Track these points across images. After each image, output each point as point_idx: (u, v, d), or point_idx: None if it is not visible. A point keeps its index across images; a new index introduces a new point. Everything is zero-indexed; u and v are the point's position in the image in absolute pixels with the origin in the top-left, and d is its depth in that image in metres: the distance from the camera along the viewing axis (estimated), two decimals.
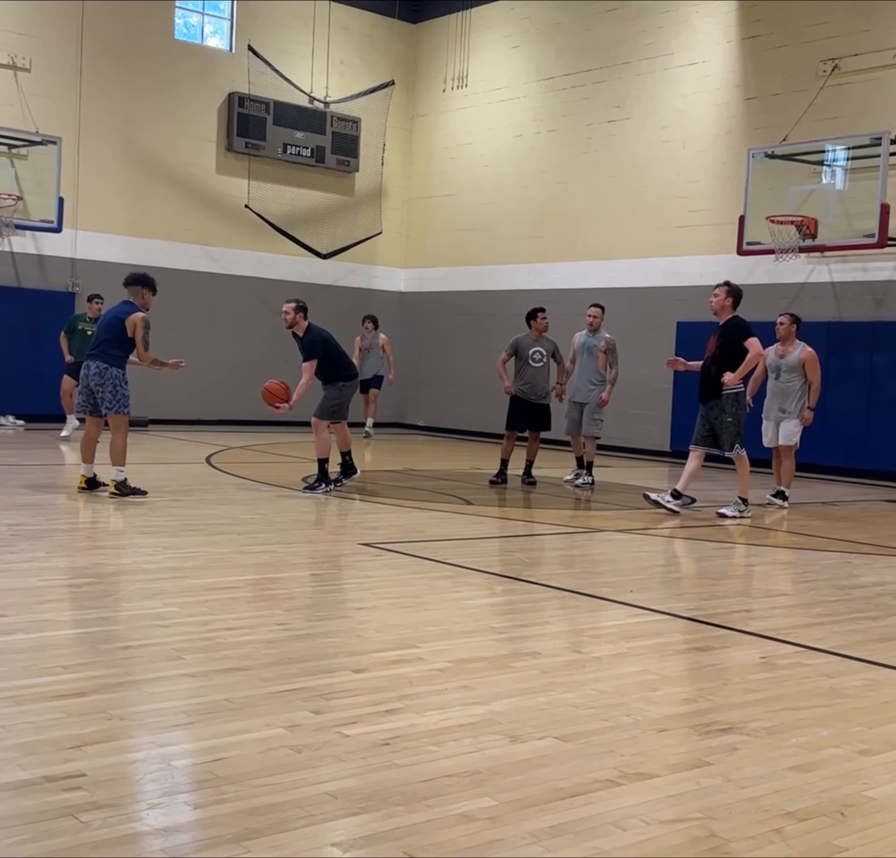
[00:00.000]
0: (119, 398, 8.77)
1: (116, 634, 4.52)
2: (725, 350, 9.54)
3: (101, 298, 13.92)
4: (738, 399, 9.60)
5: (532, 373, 11.25)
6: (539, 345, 11.29)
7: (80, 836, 2.57)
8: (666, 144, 16.15)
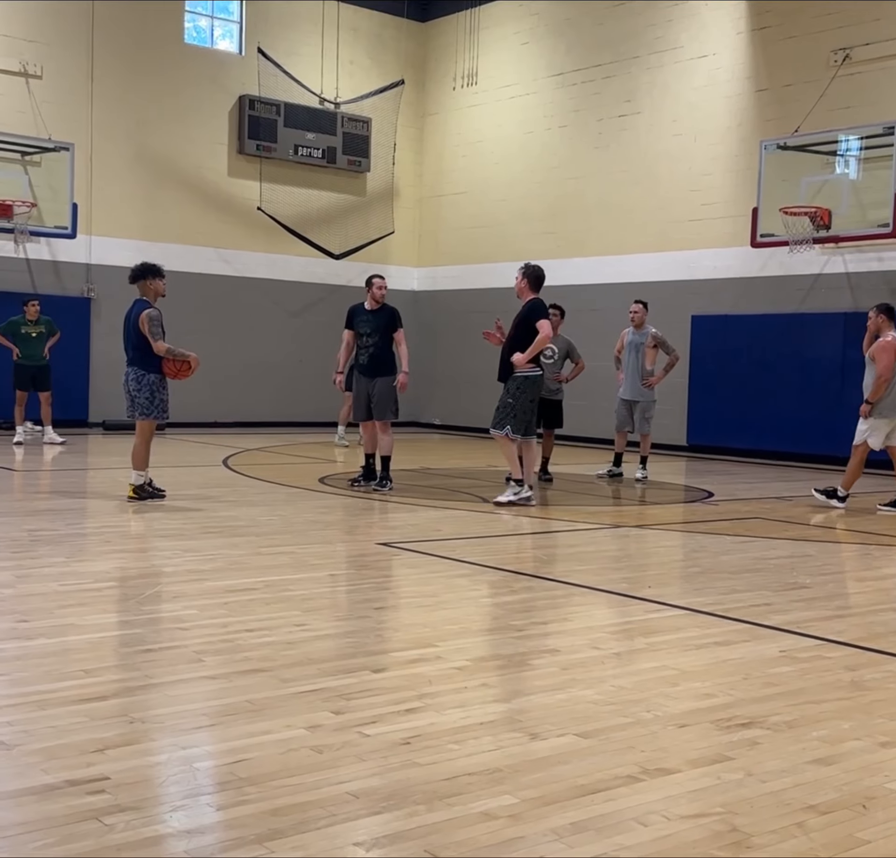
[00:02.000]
0: (157, 404, 8.75)
1: (137, 637, 4.55)
2: (520, 331, 9.39)
3: (37, 299, 14.01)
4: (526, 383, 9.37)
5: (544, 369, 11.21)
6: (552, 342, 11.23)
7: (105, 839, 2.58)
8: (677, 138, 16.10)
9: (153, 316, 8.67)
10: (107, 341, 16.65)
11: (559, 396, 11.38)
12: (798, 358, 14.60)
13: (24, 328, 13.56)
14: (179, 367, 8.73)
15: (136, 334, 8.70)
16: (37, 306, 13.69)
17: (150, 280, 8.87)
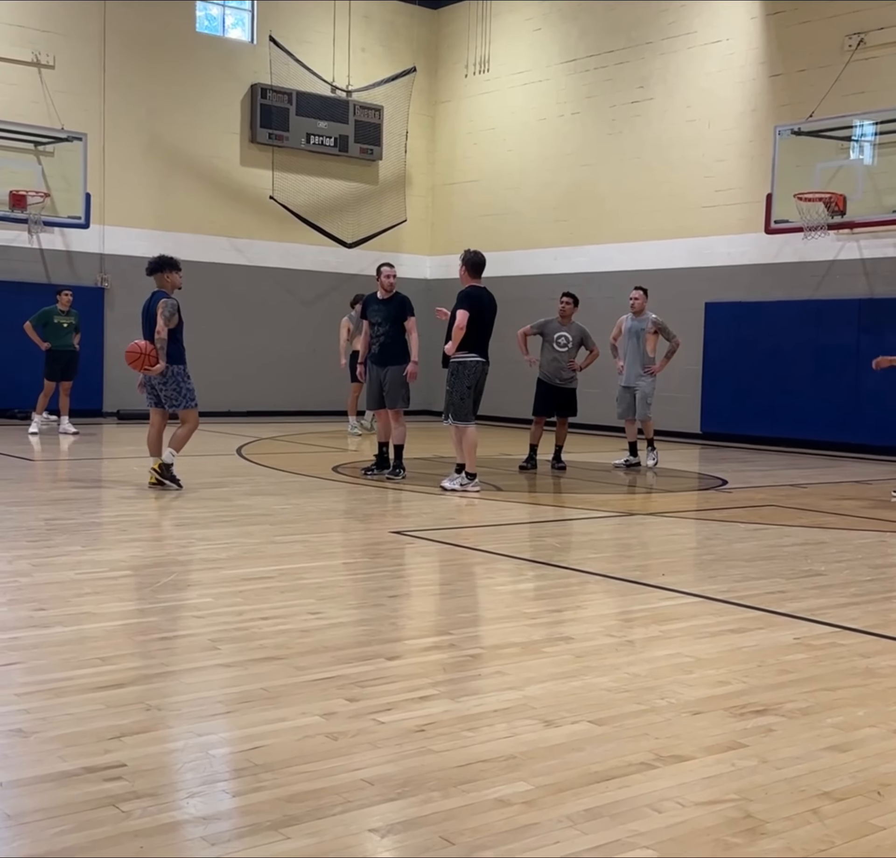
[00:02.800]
0: (184, 394, 8.81)
1: (153, 625, 4.57)
2: (451, 319, 9.37)
3: (69, 289, 14.05)
4: (460, 369, 9.33)
5: (556, 357, 11.21)
6: (566, 330, 11.23)
7: (122, 825, 2.60)
8: (691, 124, 16.03)
9: (171, 303, 8.74)
10: (121, 331, 16.69)
11: (573, 384, 11.32)
12: (813, 345, 14.54)
13: (56, 318, 13.62)
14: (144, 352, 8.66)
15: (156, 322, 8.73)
16: (69, 296, 13.76)
17: (168, 273, 8.93)
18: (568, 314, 11.29)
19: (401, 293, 10.12)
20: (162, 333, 8.65)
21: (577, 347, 11.28)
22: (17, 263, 15.87)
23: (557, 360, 11.22)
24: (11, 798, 2.75)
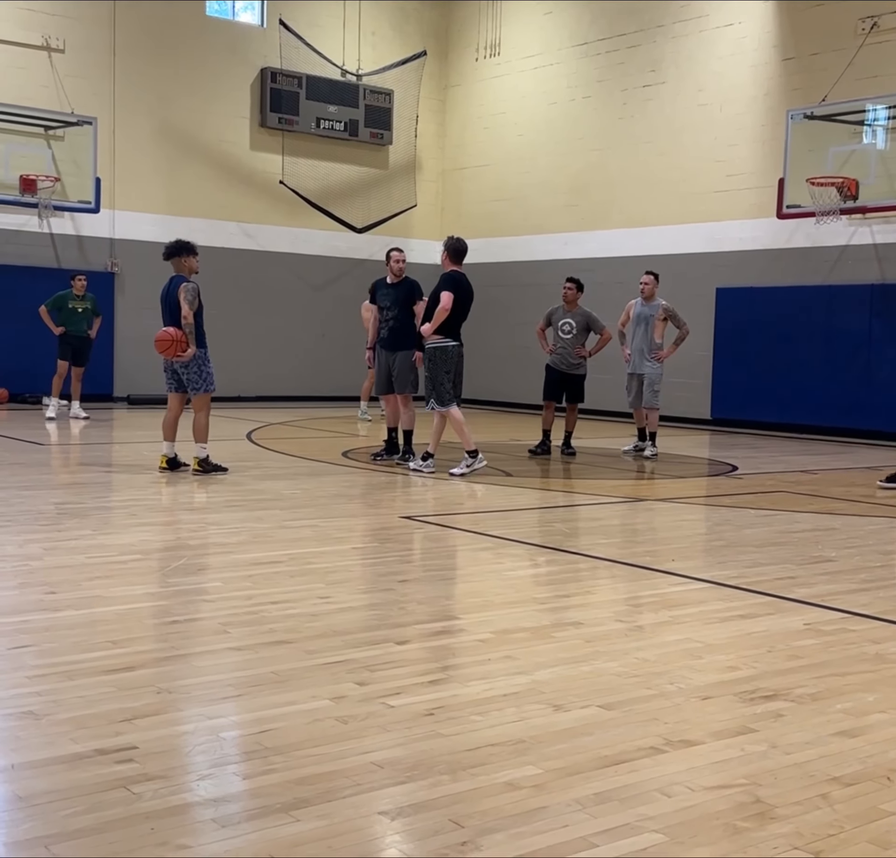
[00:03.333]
0: (205, 377, 8.87)
1: (163, 609, 4.59)
2: (430, 303, 9.38)
3: (83, 273, 14.03)
4: (437, 354, 9.30)
5: (562, 344, 11.15)
6: (570, 317, 11.16)
7: (133, 807, 2.62)
8: (703, 108, 15.94)
9: (191, 287, 8.76)
10: (131, 316, 16.72)
11: (580, 370, 11.24)
12: (824, 331, 14.49)
13: (70, 303, 13.60)
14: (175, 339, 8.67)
15: (177, 307, 8.73)
16: (83, 281, 13.73)
17: (185, 257, 8.95)
18: (571, 300, 11.19)
19: (410, 278, 10.12)
20: (189, 318, 8.67)
21: (583, 332, 11.17)
22: (27, 247, 15.88)
23: (563, 346, 11.16)
24: (23, 779, 2.76)
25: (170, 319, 8.83)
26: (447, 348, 9.30)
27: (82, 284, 13.71)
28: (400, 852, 2.46)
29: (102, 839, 2.45)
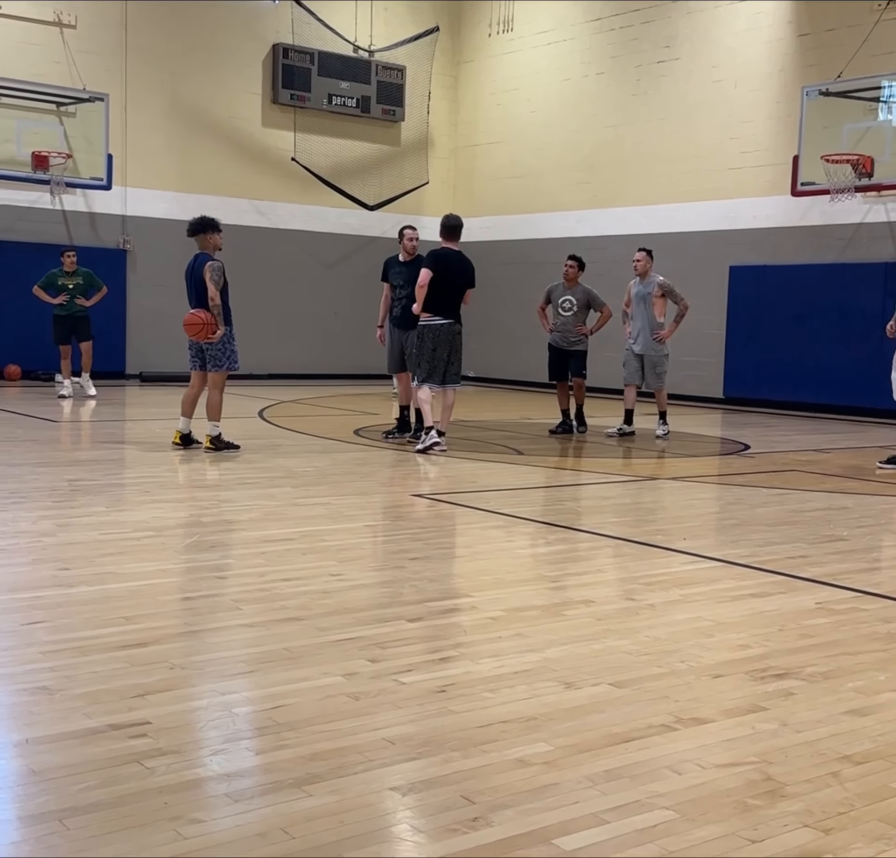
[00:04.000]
0: (228, 355, 8.88)
1: (176, 586, 4.61)
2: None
3: (73, 250, 13.80)
4: (425, 331, 9.29)
5: (562, 321, 11.02)
6: (570, 294, 11.02)
7: (146, 782, 2.64)
8: (717, 84, 15.82)
9: (216, 266, 8.77)
10: (143, 293, 16.72)
11: (578, 347, 11.03)
12: (838, 309, 14.41)
13: (60, 280, 13.43)
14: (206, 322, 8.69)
15: (202, 286, 8.74)
16: (73, 258, 13.54)
17: (210, 234, 8.96)
18: (572, 278, 11.02)
19: (423, 256, 10.07)
20: (216, 299, 8.70)
21: (583, 310, 11.02)
22: (39, 224, 15.87)
23: (564, 324, 11.02)
24: (37, 754, 2.79)
25: (195, 298, 8.84)
26: (432, 325, 9.28)
27: (72, 260, 13.48)
28: (411, 827, 2.47)
29: (116, 813, 2.47)
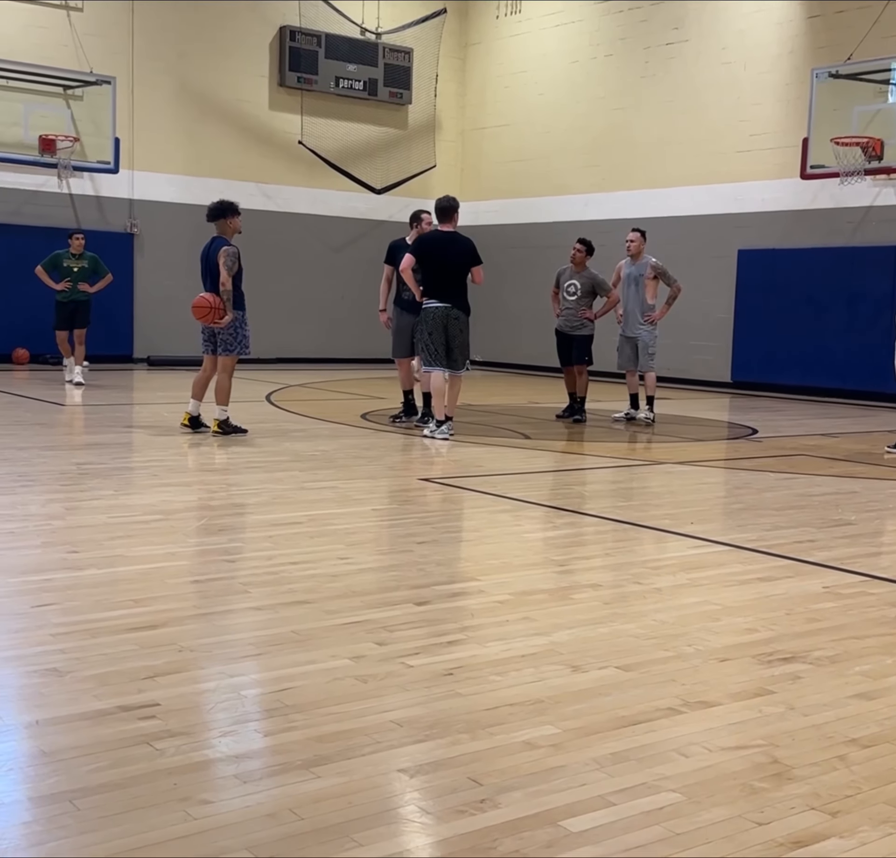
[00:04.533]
0: (240, 340, 8.89)
1: (184, 569, 4.62)
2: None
3: (82, 233, 13.48)
4: (423, 317, 9.25)
5: (567, 305, 10.90)
6: (575, 278, 10.87)
7: (156, 763, 2.65)
8: (726, 66, 15.73)
9: (231, 252, 8.75)
10: (151, 277, 16.72)
11: (581, 331, 10.85)
12: (847, 293, 14.36)
13: (66, 262, 13.20)
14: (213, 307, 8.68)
15: (216, 270, 8.73)
16: (81, 240, 13.31)
17: (230, 218, 8.94)
18: (579, 261, 10.85)
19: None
20: (227, 284, 8.68)
21: (588, 295, 10.85)
22: (46, 208, 15.86)
23: (568, 308, 10.90)
24: (48, 735, 2.80)
25: (209, 282, 8.84)
26: (428, 309, 9.22)
27: (80, 243, 13.20)
28: (418, 809, 2.49)
29: (126, 793, 2.49)
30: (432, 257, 9.16)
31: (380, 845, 2.30)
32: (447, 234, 9.36)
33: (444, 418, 9.22)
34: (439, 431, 9.13)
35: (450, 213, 9.40)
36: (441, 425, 9.15)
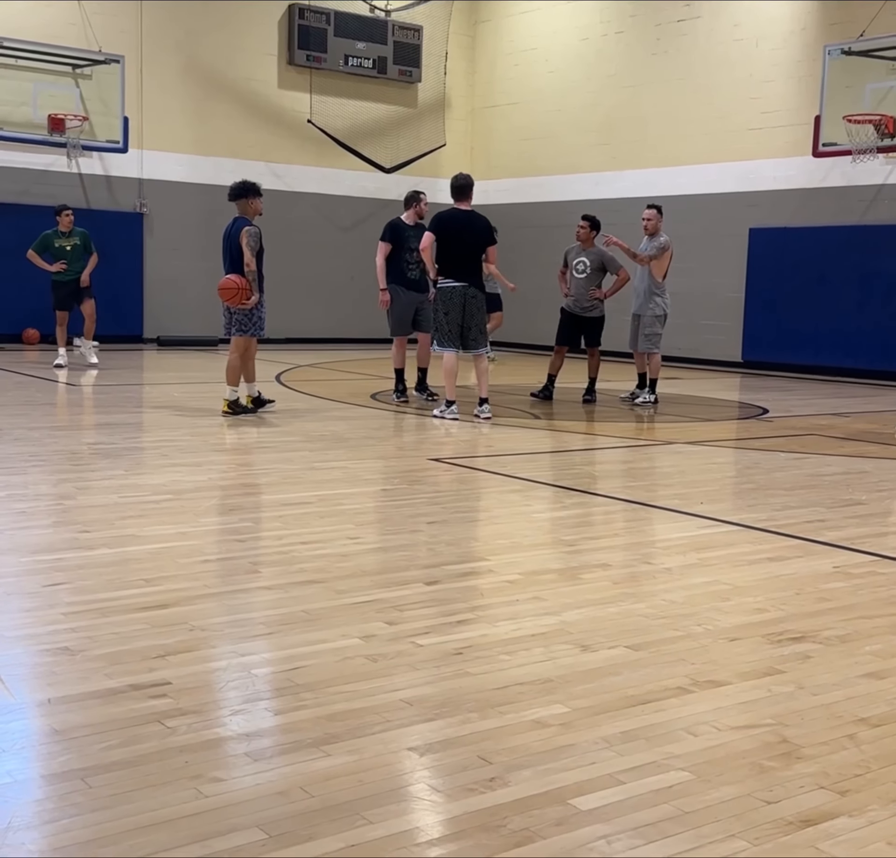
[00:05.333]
0: (255, 321, 8.88)
1: (195, 548, 4.64)
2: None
3: (69, 208, 12.89)
4: (438, 296, 9.19)
5: (576, 284, 10.63)
6: (584, 256, 10.65)
7: (167, 741, 2.67)
8: (738, 43, 15.59)
9: (253, 232, 8.77)
10: (160, 256, 16.70)
11: (593, 313, 10.62)
12: (859, 272, 14.27)
13: (57, 242, 12.69)
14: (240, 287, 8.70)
15: (237, 251, 8.75)
16: (70, 217, 12.75)
17: (252, 199, 8.96)
18: (584, 238, 10.65)
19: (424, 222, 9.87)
20: (251, 265, 8.70)
21: (597, 272, 10.61)
22: (56, 187, 15.82)
23: (579, 287, 10.62)
24: (59, 713, 2.82)
25: (230, 263, 8.85)
26: (444, 288, 9.15)
27: (69, 219, 12.66)
28: (428, 787, 2.50)
29: (138, 771, 2.50)
30: (452, 236, 9.11)
31: (390, 822, 2.31)
32: (466, 212, 9.30)
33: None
34: (449, 411, 9.12)
35: (467, 191, 9.37)
36: (451, 405, 9.14)
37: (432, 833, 2.30)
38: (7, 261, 14.84)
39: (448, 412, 9.11)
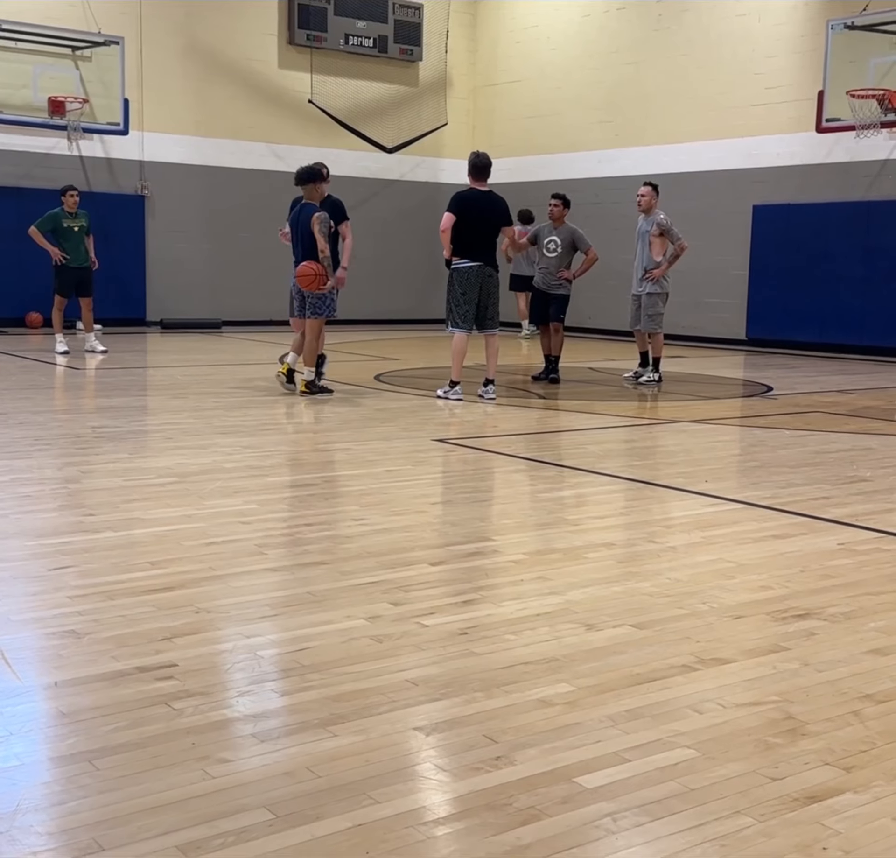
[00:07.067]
0: (328, 303, 9.06)
1: (200, 531, 4.64)
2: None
3: (75, 188, 12.66)
4: (454, 277, 9.15)
5: (546, 263, 10.54)
6: (555, 234, 10.53)
7: (174, 723, 2.68)
8: (741, 18, 15.48)
9: (324, 218, 8.92)
10: (162, 239, 16.66)
11: (559, 291, 10.48)
12: (863, 248, 14.22)
13: (65, 222, 12.46)
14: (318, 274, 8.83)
15: (310, 237, 8.89)
16: (76, 197, 12.53)
17: (318, 184, 9.13)
18: (557, 217, 10.56)
19: (334, 196, 9.71)
20: (326, 251, 8.86)
21: (568, 251, 10.51)
22: (57, 170, 15.77)
23: (548, 265, 10.51)
24: (67, 696, 2.83)
25: (301, 249, 9.02)
26: (461, 269, 9.12)
27: (75, 200, 12.45)
28: (435, 766, 2.51)
29: (145, 753, 2.51)
30: (470, 217, 9.06)
31: (396, 802, 2.32)
32: (484, 193, 9.24)
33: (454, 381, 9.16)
34: (453, 391, 9.11)
35: (486, 171, 9.29)
36: (455, 386, 9.13)
37: (439, 812, 2.31)
38: (9, 244, 14.83)
39: (452, 393, 9.10)
